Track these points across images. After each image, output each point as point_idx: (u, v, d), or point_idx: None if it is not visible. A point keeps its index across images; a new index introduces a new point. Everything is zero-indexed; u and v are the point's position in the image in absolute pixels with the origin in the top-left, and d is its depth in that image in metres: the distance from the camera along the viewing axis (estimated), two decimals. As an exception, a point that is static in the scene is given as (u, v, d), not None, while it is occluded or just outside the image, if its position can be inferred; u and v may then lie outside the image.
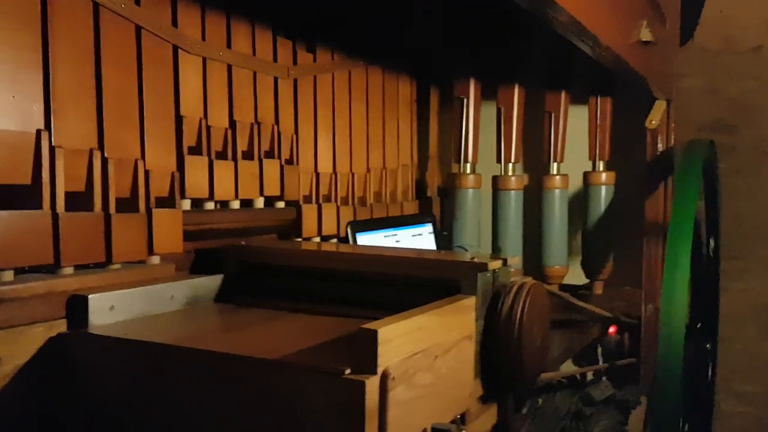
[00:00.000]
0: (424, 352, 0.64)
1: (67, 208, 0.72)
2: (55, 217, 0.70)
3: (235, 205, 0.97)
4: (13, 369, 0.67)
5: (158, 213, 0.82)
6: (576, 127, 1.52)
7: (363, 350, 0.57)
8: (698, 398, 1.46)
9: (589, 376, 1.48)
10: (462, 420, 0.71)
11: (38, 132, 0.69)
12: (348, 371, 0.57)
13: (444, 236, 1.38)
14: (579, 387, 1.27)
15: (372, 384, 0.56)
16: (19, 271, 0.69)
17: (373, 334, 0.57)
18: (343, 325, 0.75)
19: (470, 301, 0.74)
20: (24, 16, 0.68)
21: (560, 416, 1.12)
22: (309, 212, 1.10)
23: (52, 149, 0.70)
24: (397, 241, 1.26)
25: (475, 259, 0.78)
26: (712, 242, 1.53)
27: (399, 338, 0.60)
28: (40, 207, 0.69)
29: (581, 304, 1.23)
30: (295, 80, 1.09)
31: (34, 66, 0.69)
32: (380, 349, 0.57)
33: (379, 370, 0.57)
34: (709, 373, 1.55)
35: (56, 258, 0.71)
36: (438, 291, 0.76)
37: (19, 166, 0.68)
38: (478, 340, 0.76)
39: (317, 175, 1.14)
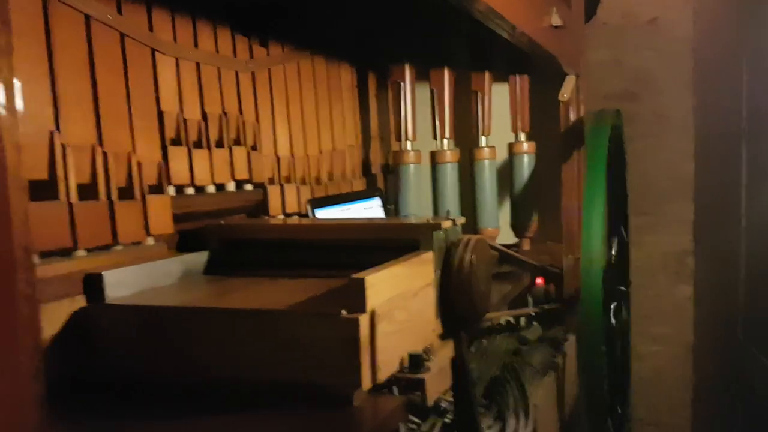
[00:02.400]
0: (399, 295, 0.79)
1: (78, 198, 0.82)
2: (70, 206, 0.81)
3: (211, 189, 1.08)
4: (45, 340, 0.77)
5: (151, 199, 0.93)
6: (499, 103, 1.69)
7: (354, 295, 0.72)
8: (618, 333, 1.68)
9: (523, 323, 1.68)
10: (429, 351, 0.87)
11: (51, 133, 0.79)
12: (344, 312, 0.71)
13: (390, 209, 1.53)
14: (515, 331, 1.46)
15: (364, 320, 0.71)
16: (42, 255, 0.79)
17: (362, 281, 0.72)
18: (322, 284, 0.89)
19: (429, 255, 0.90)
20: (31, 33, 0.78)
21: (501, 353, 1.30)
22: (274, 193, 1.22)
23: (63, 147, 0.80)
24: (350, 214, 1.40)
25: (430, 221, 0.94)
26: (621, 200, 1.75)
27: (380, 284, 0.75)
28: (57, 198, 0.80)
29: (516, 254, 1.42)
30: (253, 73, 1.21)
31: (43, 75, 0.79)
32: (367, 293, 0.72)
33: (368, 309, 0.72)
34: (624, 311, 1.78)
35: (73, 242, 0.81)
36: (398, 251, 0.91)
37: (37, 164, 0.78)
38: (436, 286, 0.92)
39: (278, 158, 1.27)
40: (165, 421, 0.71)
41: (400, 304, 0.79)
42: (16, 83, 0.25)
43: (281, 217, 1.25)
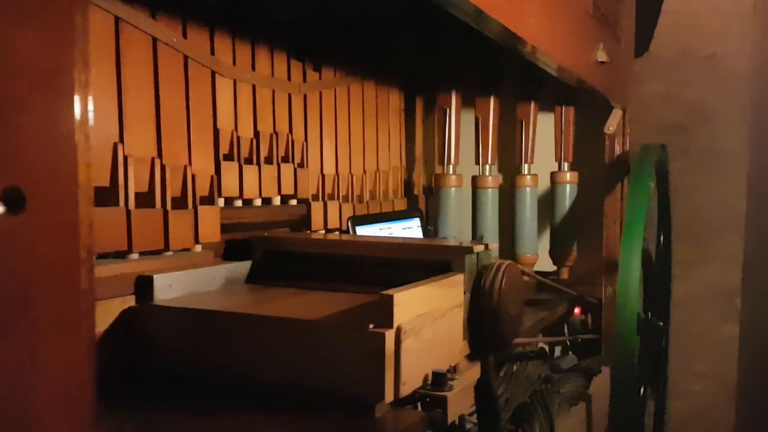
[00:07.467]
0: (426, 314, 0.83)
1: (136, 206, 0.89)
2: (128, 212, 0.87)
3: (258, 202, 1.15)
4: (97, 335, 0.84)
5: (202, 209, 1.00)
6: (544, 133, 1.71)
7: (382, 311, 0.76)
8: (654, 367, 1.66)
9: (558, 351, 1.69)
10: (454, 370, 0.90)
11: (115, 144, 0.87)
12: (372, 326, 0.75)
13: (430, 229, 1.57)
14: (548, 358, 1.47)
15: (390, 335, 0.75)
16: (99, 256, 0.86)
17: (390, 298, 0.76)
18: (355, 298, 0.93)
19: (460, 278, 0.93)
20: (102, 51, 0.86)
21: (532, 380, 1.32)
22: (317, 208, 1.28)
23: (125, 158, 0.87)
24: (390, 233, 1.44)
25: (463, 244, 0.97)
26: (663, 235, 1.73)
27: (409, 302, 0.79)
28: (117, 204, 0.87)
29: (551, 282, 1.43)
30: (305, 96, 1.27)
31: (111, 91, 0.87)
32: (395, 310, 0.76)
33: (395, 325, 0.76)
34: (663, 345, 1.76)
35: (128, 245, 0.88)
36: (431, 271, 0.95)
37: (101, 172, 0.86)
38: (465, 308, 0.95)
39: (323, 176, 1.33)
40: (194, 417, 0.76)
41: (427, 322, 0.83)
42: (91, 113, 0.30)
43: (322, 232, 1.30)
